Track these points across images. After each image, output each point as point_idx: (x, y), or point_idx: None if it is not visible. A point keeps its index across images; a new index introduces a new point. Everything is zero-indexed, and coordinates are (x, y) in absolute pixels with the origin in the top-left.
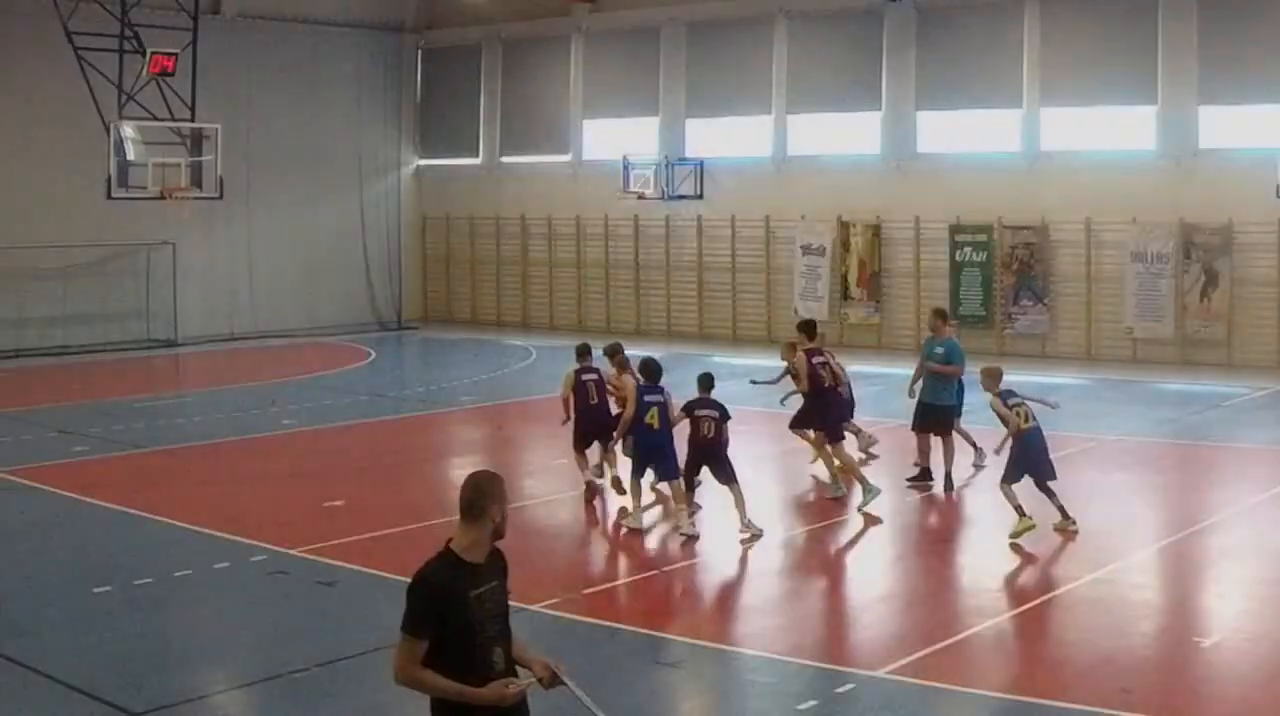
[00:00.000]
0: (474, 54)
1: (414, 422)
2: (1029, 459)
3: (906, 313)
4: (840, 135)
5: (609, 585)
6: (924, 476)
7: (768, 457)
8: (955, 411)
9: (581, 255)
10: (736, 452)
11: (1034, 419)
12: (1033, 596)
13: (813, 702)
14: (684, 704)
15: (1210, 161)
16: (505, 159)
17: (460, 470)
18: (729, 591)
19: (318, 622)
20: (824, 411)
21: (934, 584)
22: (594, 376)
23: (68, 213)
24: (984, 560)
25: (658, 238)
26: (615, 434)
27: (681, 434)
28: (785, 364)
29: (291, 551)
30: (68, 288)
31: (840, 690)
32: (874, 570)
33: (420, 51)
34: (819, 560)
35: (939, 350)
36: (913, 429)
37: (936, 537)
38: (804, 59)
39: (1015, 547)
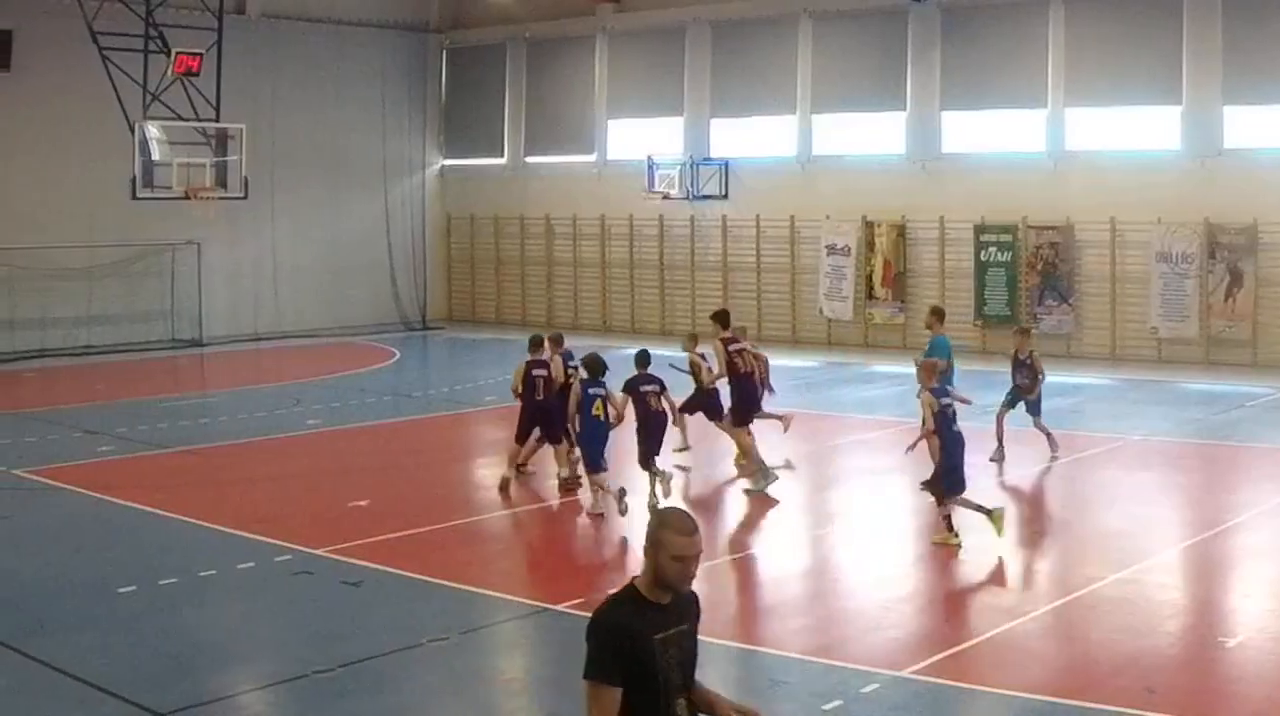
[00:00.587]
0: (499, 54)
1: (439, 422)
2: (961, 462)
3: None
4: (865, 135)
5: None
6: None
7: (796, 457)
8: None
9: (606, 255)
10: (767, 453)
11: (956, 423)
12: (1057, 596)
13: (837, 702)
14: None
15: (1235, 161)
16: (530, 159)
17: (485, 470)
18: (753, 592)
19: (343, 623)
20: (736, 398)
21: (957, 584)
22: (544, 372)
23: (93, 213)
24: (1007, 560)
25: (682, 238)
26: (565, 428)
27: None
28: (688, 356)
29: (317, 551)
30: (93, 288)
31: (865, 690)
32: (897, 570)
33: (445, 51)
34: (841, 560)
35: (927, 347)
36: None
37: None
38: (828, 59)
39: (1038, 547)
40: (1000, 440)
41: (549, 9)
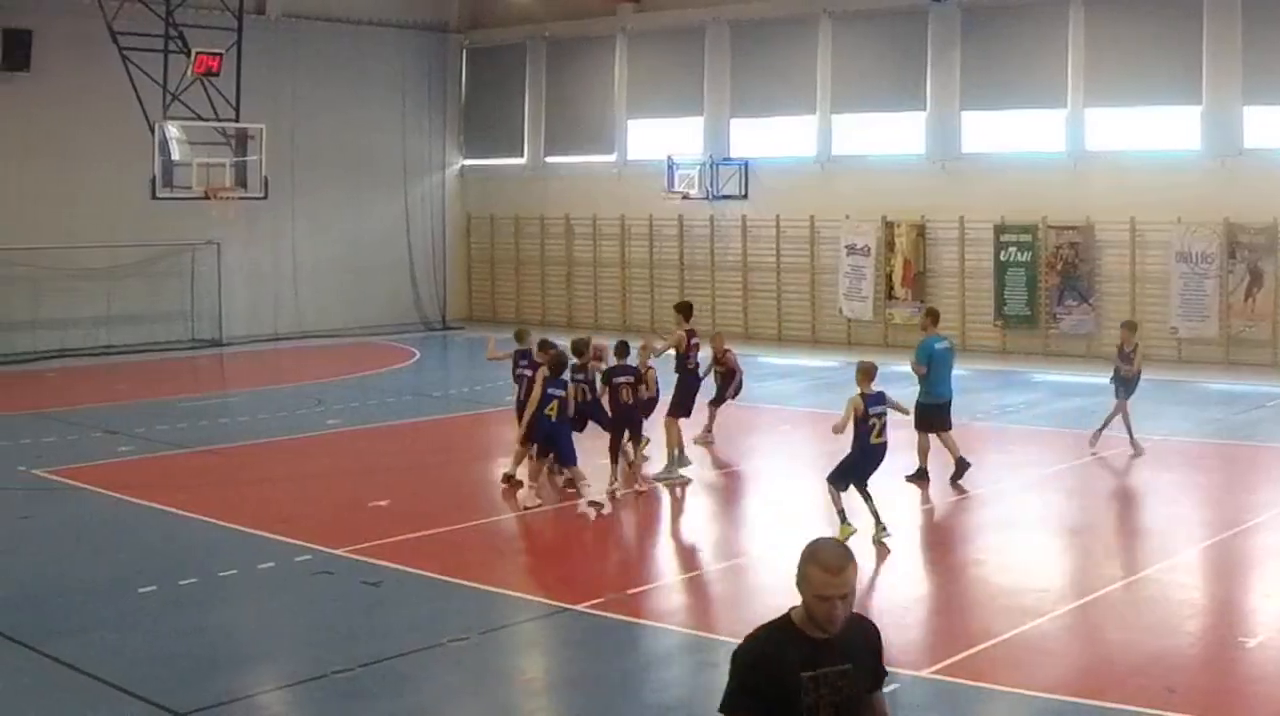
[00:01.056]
0: (518, 54)
1: (459, 423)
2: (865, 469)
3: (951, 313)
4: (885, 135)
5: (654, 585)
6: (919, 475)
7: (818, 456)
8: (936, 408)
9: (626, 255)
10: (789, 452)
11: (885, 434)
12: (1077, 596)
13: None
14: None
15: (1255, 161)
16: (550, 159)
17: (506, 470)
18: (773, 591)
19: (363, 623)
20: (679, 390)
21: (977, 584)
22: (530, 372)
23: (113, 213)
24: (1027, 560)
25: (702, 238)
26: (521, 426)
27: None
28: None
29: (337, 551)
30: (113, 288)
31: (885, 690)
32: (917, 570)
33: (465, 51)
34: (861, 560)
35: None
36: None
37: (977, 537)
38: (848, 59)
39: (1058, 547)
40: (1130, 431)
41: (569, 9)
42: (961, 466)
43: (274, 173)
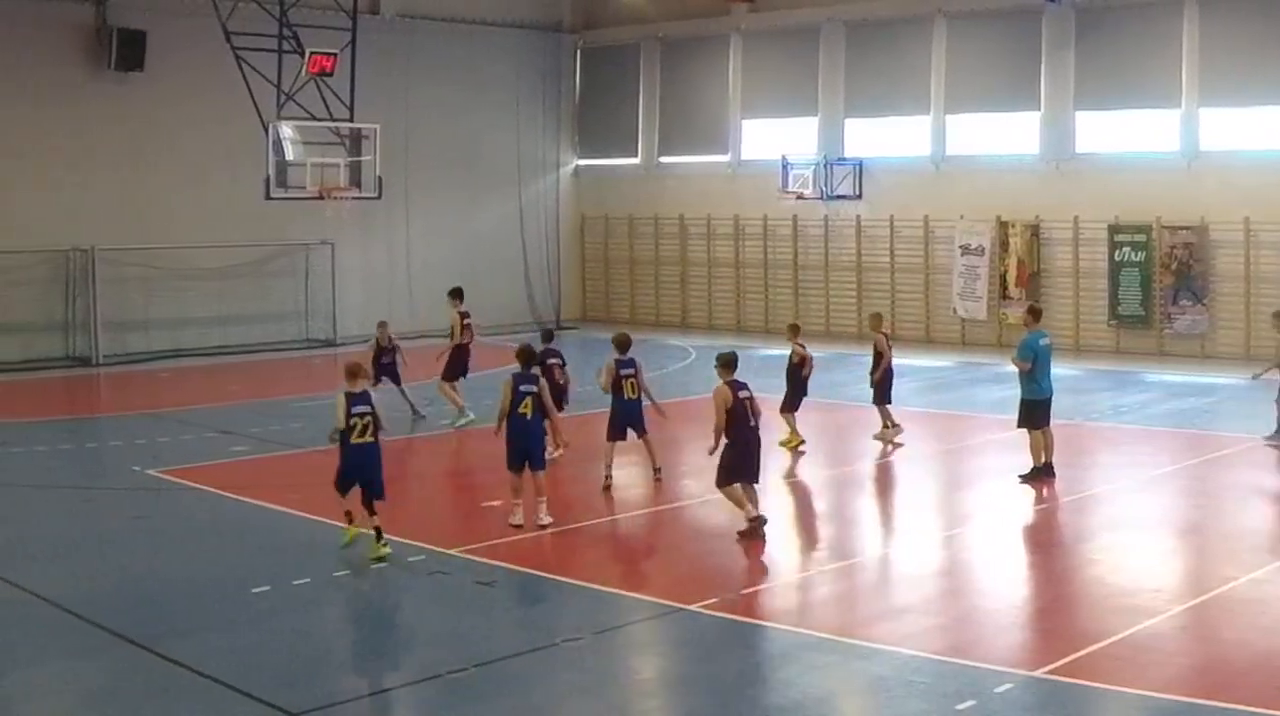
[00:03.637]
0: (632, 54)
1: (571, 423)
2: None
3: (1065, 313)
4: (999, 135)
5: (766, 585)
6: (1033, 474)
7: (932, 456)
8: (1040, 405)
9: (740, 255)
10: (902, 452)
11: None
12: (1189, 597)
13: (971, 702)
14: (842, 703)
15: None
16: (664, 159)
17: (618, 470)
18: (884, 592)
19: (476, 623)
20: (452, 357)
21: (1091, 584)
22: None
23: (226, 213)
24: (1141, 560)
25: (816, 238)
26: (497, 427)
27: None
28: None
29: (450, 551)
30: (226, 288)
31: (998, 690)
32: (1029, 570)
33: (579, 51)
34: (971, 561)
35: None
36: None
37: (1091, 537)
38: (963, 59)
39: (1172, 547)
40: None
41: (683, 9)
42: (1047, 471)
43: (388, 172)
